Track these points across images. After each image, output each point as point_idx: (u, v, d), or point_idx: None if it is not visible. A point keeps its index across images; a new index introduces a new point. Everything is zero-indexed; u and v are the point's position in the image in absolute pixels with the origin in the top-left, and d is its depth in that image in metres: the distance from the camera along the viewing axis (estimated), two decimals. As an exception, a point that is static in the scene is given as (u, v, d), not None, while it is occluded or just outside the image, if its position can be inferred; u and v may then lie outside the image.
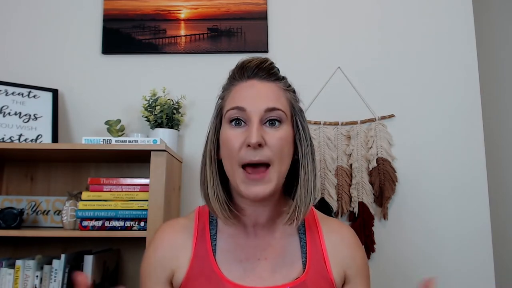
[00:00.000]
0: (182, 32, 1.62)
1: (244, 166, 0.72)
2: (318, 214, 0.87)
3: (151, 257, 0.80)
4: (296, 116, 0.79)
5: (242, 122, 0.74)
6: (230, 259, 0.77)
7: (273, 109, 0.74)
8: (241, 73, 0.78)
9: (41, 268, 1.22)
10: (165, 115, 1.46)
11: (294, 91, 0.82)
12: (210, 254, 0.77)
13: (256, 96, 0.75)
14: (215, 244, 0.79)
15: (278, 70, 0.81)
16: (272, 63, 0.80)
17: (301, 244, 0.80)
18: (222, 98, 0.80)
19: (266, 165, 0.72)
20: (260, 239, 0.79)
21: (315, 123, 1.54)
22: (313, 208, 0.87)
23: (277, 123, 0.74)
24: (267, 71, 0.78)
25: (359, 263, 0.81)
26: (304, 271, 0.76)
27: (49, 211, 1.46)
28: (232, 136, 0.74)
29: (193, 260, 0.77)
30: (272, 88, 0.77)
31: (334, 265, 0.78)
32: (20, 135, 1.41)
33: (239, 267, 0.77)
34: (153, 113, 1.47)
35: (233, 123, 0.75)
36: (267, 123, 0.74)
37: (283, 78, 0.81)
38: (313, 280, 0.75)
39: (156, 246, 0.80)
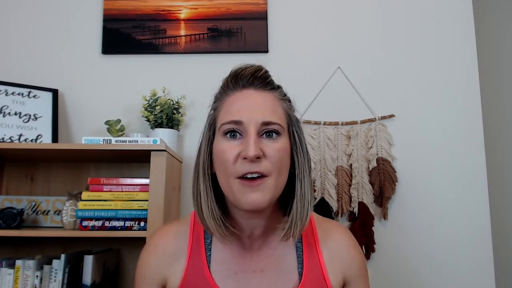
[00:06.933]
0: (182, 32, 1.62)
1: (240, 178, 0.68)
2: (315, 218, 0.83)
3: (144, 263, 0.79)
4: (292, 127, 0.75)
5: (238, 134, 0.70)
6: (224, 271, 0.75)
7: (269, 123, 0.70)
8: (235, 82, 0.74)
9: (41, 268, 1.22)
10: (165, 115, 1.46)
11: (289, 100, 0.78)
12: (204, 265, 0.75)
13: (252, 107, 0.71)
14: (210, 254, 0.77)
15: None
16: (267, 71, 0.76)
17: (298, 253, 0.77)
18: (215, 108, 0.76)
19: (264, 176, 0.68)
20: (256, 250, 0.77)
21: (315, 123, 1.54)
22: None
23: (274, 135, 0.70)
24: (262, 80, 0.74)
25: (358, 263, 0.79)
26: (300, 282, 0.74)
27: (49, 211, 1.46)
28: (226, 148, 0.69)
29: (187, 270, 0.75)
30: (269, 98, 0.73)
31: (331, 272, 0.76)
32: (20, 135, 1.41)
33: (234, 280, 0.75)
34: (153, 113, 1.47)
35: (228, 135, 0.71)
36: (264, 134, 0.70)
37: (279, 87, 0.77)
38: None
39: (150, 252, 0.79)
